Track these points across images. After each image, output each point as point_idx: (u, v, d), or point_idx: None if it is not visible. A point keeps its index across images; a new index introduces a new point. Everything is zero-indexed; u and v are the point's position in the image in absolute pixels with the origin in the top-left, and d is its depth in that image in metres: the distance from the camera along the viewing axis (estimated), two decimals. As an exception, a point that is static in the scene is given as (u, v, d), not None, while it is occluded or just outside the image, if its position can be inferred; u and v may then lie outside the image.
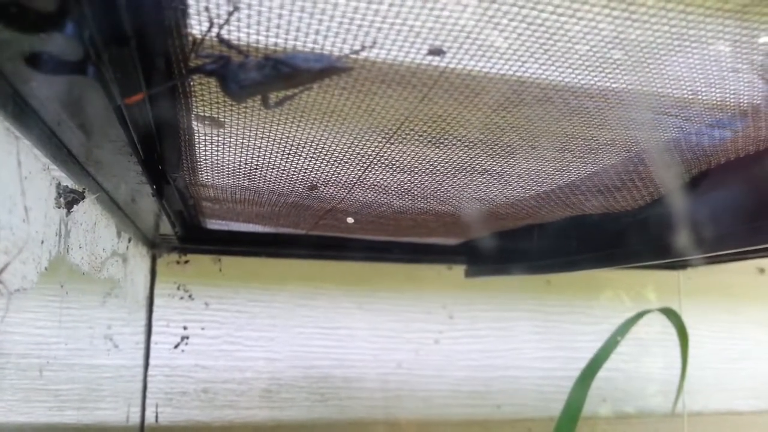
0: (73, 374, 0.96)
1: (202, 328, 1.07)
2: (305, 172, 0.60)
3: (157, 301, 1.05)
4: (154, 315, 1.05)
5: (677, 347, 1.02)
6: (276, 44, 0.37)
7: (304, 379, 1.11)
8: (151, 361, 1.05)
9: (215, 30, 0.35)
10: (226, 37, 0.36)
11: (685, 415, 1.28)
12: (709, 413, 1.32)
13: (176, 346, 1.05)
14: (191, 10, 0.35)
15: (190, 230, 0.96)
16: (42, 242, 0.46)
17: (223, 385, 1.07)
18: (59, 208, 0.49)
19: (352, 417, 1.12)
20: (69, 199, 0.50)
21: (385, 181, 0.61)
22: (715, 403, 1.33)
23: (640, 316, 1.05)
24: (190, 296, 1.06)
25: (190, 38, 0.37)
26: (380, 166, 0.57)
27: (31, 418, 0.93)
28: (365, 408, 1.13)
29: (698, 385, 1.31)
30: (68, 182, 0.55)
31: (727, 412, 1.34)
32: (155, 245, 1.03)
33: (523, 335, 1.24)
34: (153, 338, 1.05)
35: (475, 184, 0.62)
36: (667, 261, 0.73)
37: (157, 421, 1.03)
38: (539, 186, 0.62)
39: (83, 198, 0.54)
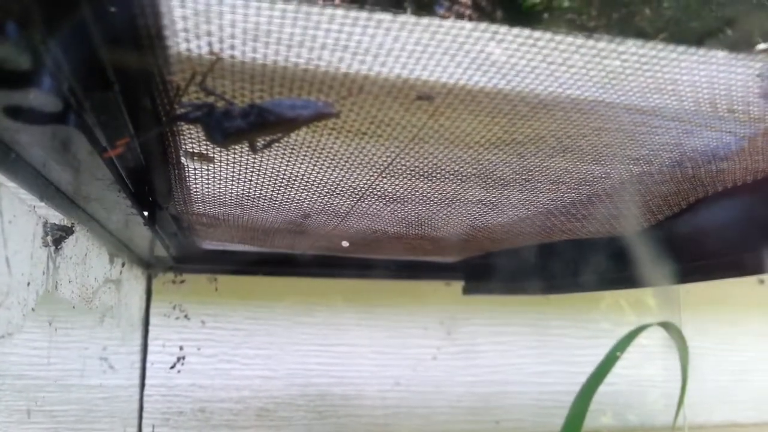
0: (68, 395, 0.95)
1: (199, 348, 1.06)
2: (297, 203, 0.59)
3: (153, 321, 1.04)
4: (150, 335, 1.04)
5: (678, 358, 1.01)
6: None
7: (302, 397, 1.11)
8: (148, 381, 1.04)
9: (198, 78, 0.35)
10: (209, 86, 0.35)
11: (686, 428, 1.27)
12: (711, 426, 1.31)
13: (172, 367, 1.04)
14: (172, 59, 0.34)
15: (186, 250, 0.95)
16: (28, 284, 0.45)
17: (220, 404, 1.07)
18: (46, 246, 0.48)
19: (351, 435, 1.12)
20: (56, 237, 0.50)
21: (379, 210, 0.60)
22: (717, 415, 1.32)
23: (639, 330, 1.04)
24: (186, 316, 1.05)
25: (174, 85, 0.37)
26: (373, 197, 0.56)
27: (27, 440, 0.93)
28: (364, 426, 1.12)
29: (700, 397, 1.30)
30: (58, 216, 0.54)
31: (729, 425, 1.33)
32: (150, 266, 1.02)
33: (521, 350, 1.23)
34: (149, 358, 1.04)
35: (469, 213, 0.61)
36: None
37: (153, 442, 1.03)
38: (535, 214, 0.62)
39: (72, 233, 0.54)
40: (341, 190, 0.55)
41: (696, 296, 1.32)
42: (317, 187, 0.54)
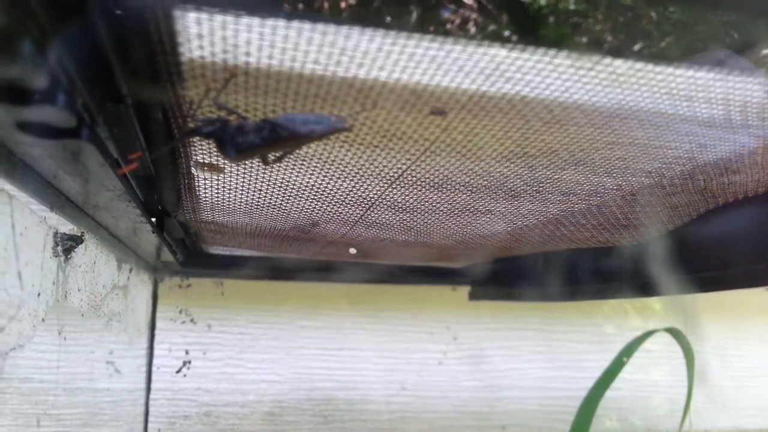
0: (75, 399, 0.95)
1: (204, 352, 1.06)
2: (306, 212, 0.59)
3: (159, 325, 1.04)
4: (156, 339, 1.04)
5: (683, 364, 1.01)
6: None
7: (307, 401, 1.10)
8: (153, 385, 1.04)
9: (212, 94, 0.35)
10: (223, 101, 0.35)
11: (692, 434, 1.27)
12: (717, 431, 1.30)
13: (178, 371, 1.04)
14: (186, 74, 0.34)
15: (192, 255, 0.95)
16: (38, 294, 0.45)
17: (226, 408, 1.07)
18: (57, 256, 0.48)
19: (356, 439, 1.12)
20: (66, 247, 0.50)
21: (388, 219, 0.60)
22: (723, 421, 1.31)
23: (645, 336, 1.04)
24: (192, 320, 1.05)
25: (187, 99, 0.37)
26: (382, 207, 0.56)
27: (33, 443, 0.93)
28: (369, 430, 1.12)
29: (705, 403, 1.29)
30: (68, 226, 0.54)
31: (735, 430, 1.32)
32: (157, 270, 1.02)
33: (527, 355, 1.23)
34: (155, 362, 1.04)
35: (478, 222, 0.61)
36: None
37: (159, 446, 1.03)
38: (543, 224, 0.61)
39: (82, 242, 0.54)
40: (351, 200, 0.55)
41: (702, 302, 1.31)
42: (327, 196, 0.54)
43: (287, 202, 0.56)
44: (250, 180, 0.51)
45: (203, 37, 0.30)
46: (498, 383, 1.20)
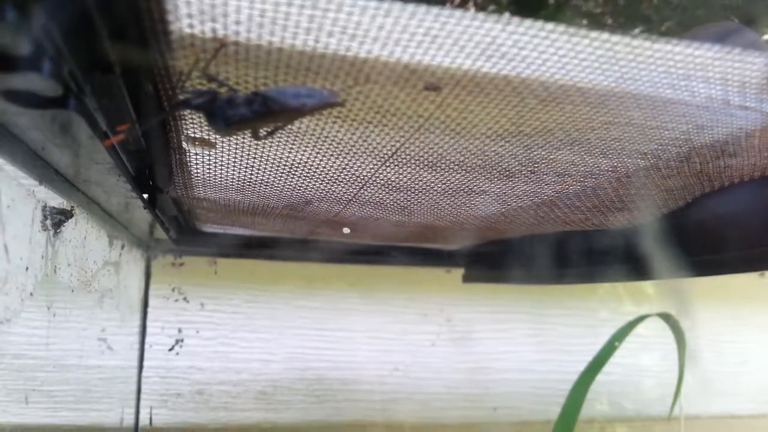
0: (66, 375, 0.95)
1: (197, 331, 1.06)
2: (299, 189, 0.58)
3: (152, 303, 1.04)
4: (149, 317, 1.04)
5: (676, 349, 1.01)
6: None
7: (300, 381, 1.11)
8: (146, 363, 1.04)
9: (201, 64, 0.34)
10: (213, 72, 0.34)
11: (682, 419, 1.28)
12: (708, 417, 1.31)
13: (171, 349, 1.04)
14: (175, 44, 0.33)
15: (186, 233, 0.94)
16: (27, 269, 0.45)
17: (218, 386, 1.07)
18: (46, 230, 0.48)
19: (349, 419, 1.12)
20: (56, 221, 0.49)
21: (381, 198, 0.60)
22: (714, 407, 1.32)
23: (638, 321, 1.04)
24: (185, 298, 1.05)
25: (177, 70, 0.36)
26: (376, 186, 0.56)
27: (26, 419, 0.93)
28: (361, 410, 1.13)
29: (697, 388, 1.30)
30: (57, 200, 0.53)
31: (726, 416, 1.33)
32: (149, 248, 1.01)
33: (520, 338, 1.23)
34: (148, 340, 1.04)
35: (473, 203, 0.60)
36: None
37: (151, 423, 1.03)
38: (538, 206, 0.61)
39: (71, 216, 0.53)
40: (344, 178, 0.54)
41: (695, 288, 1.31)
42: (320, 174, 0.53)
43: (280, 179, 0.55)
44: (242, 156, 0.51)
45: (192, 4, 0.29)
46: (490, 365, 1.20)
